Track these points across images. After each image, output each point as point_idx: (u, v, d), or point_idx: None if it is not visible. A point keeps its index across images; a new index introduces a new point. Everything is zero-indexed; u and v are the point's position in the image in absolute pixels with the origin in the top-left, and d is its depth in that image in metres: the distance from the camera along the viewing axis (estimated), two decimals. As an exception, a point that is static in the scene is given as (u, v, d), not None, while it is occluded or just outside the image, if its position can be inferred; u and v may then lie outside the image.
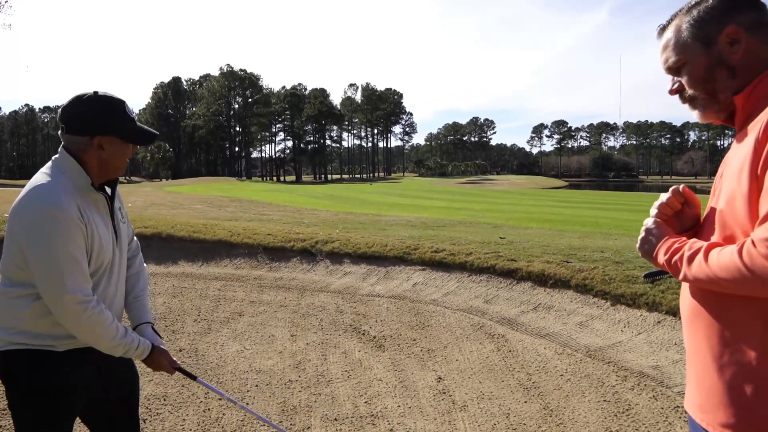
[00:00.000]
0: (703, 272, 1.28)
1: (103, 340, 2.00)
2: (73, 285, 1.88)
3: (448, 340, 5.41)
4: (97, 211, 2.04)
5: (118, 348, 2.05)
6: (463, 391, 4.32)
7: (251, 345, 5.33)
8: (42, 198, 1.89)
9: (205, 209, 16.98)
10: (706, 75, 1.46)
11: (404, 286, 7.12)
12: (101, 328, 1.97)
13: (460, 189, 52.70)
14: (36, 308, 1.94)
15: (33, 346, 1.97)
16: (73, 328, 1.95)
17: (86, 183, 1.98)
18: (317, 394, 4.28)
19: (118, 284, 2.19)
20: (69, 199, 1.90)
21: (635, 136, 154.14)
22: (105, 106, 2.01)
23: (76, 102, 2.00)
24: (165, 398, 4.19)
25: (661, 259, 1.45)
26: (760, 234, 1.16)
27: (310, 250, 8.37)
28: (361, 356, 5.06)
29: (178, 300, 6.80)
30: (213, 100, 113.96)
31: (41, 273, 1.88)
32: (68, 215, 1.88)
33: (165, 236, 9.10)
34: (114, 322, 2.02)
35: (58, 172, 1.96)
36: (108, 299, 2.10)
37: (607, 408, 3.97)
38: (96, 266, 2.02)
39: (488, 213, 17.83)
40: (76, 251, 1.90)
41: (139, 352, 2.12)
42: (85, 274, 1.94)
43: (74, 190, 1.95)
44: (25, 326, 1.96)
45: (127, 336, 2.07)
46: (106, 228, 2.08)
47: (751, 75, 1.41)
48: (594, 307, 5.85)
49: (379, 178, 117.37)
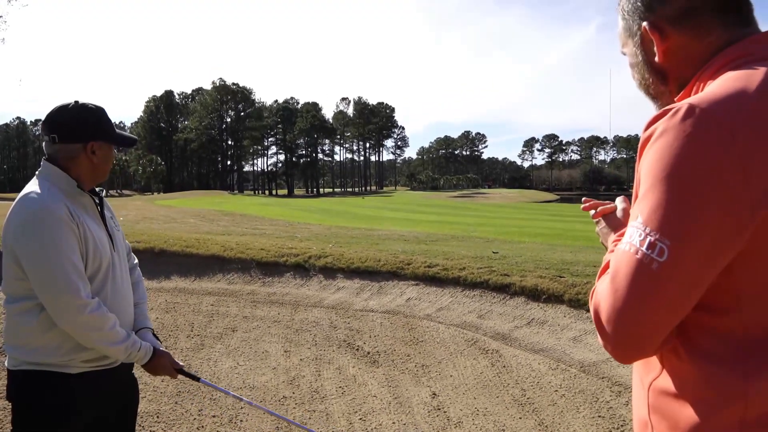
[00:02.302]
0: None
1: (105, 342, 1.99)
2: (70, 286, 1.88)
3: (442, 356, 5.41)
4: (86, 214, 2.06)
5: (121, 351, 2.05)
6: (458, 407, 4.32)
7: (245, 361, 5.30)
8: (29, 202, 1.93)
9: (198, 223, 16.94)
10: (640, 77, 1.23)
11: (398, 301, 7.12)
12: (103, 331, 1.97)
13: (452, 203, 52.84)
14: (43, 320, 1.94)
15: (46, 367, 1.96)
16: (74, 332, 1.94)
17: (72, 186, 2.02)
18: (312, 411, 4.26)
19: (125, 290, 2.19)
20: (57, 201, 1.94)
21: (625, 149, 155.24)
22: (93, 113, 2.10)
23: (63, 111, 2.05)
24: (158, 415, 4.16)
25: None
26: (599, 285, 1.03)
27: (304, 265, 8.35)
28: (356, 372, 5.05)
29: (170, 315, 6.76)
30: (205, 113, 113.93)
31: (37, 277, 1.88)
32: (57, 215, 1.90)
33: (157, 251, 9.06)
34: (116, 325, 2.02)
35: (43, 180, 2.01)
36: (116, 305, 2.10)
37: (601, 424, 3.98)
38: (94, 268, 2.02)
39: (480, 227, 17.88)
40: (69, 251, 1.90)
41: (141, 355, 2.12)
42: (81, 275, 1.94)
43: (61, 194, 1.98)
44: (35, 342, 1.95)
45: (129, 338, 2.07)
46: (100, 229, 2.09)
47: (683, 79, 1.14)
48: (587, 322, 5.86)
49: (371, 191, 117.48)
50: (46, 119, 2.06)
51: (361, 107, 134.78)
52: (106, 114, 2.15)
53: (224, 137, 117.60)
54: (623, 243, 0.98)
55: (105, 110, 2.15)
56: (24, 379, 1.97)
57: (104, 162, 2.13)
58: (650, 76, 1.19)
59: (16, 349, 1.97)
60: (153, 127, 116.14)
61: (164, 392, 4.51)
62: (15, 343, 1.98)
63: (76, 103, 2.07)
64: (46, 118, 2.06)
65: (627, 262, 0.95)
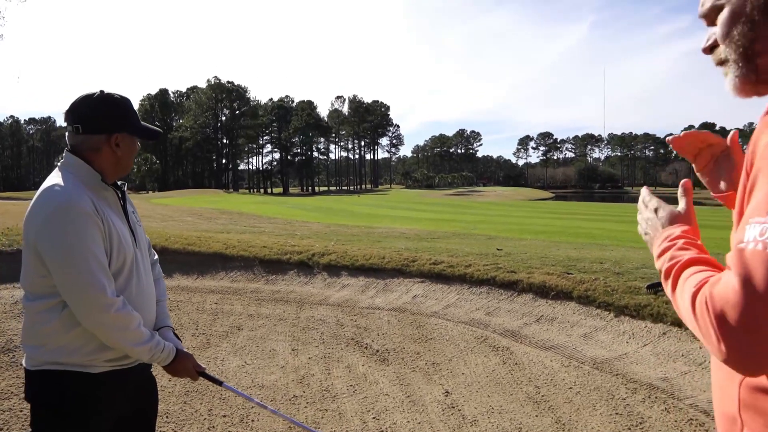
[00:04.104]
0: (674, 302, 1.04)
1: (129, 342, 1.92)
2: (95, 283, 1.80)
3: (453, 353, 5.34)
4: (109, 208, 1.97)
5: (144, 352, 1.97)
6: (472, 405, 4.25)
7: (252, 360, 5.22)
8: (53, 195, 1.84)
9: (196, 221, 16.83)
10: (744, 25, 1.02)
11: (404, 299, 7.05)
12: (127, 331, 1.89)
13: (448, 201, 52.81)
14: (65, 319, 1.85)
15: (68, 367, 1.88)
16: (99, 331, 1.86)
17: (96, 179, 1.94)
18: (324, 410, 4.19)
19: (148, 287, 2.11)
20: (81, 194, 1.85)
21: (620, 147, 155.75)
22: (119, 104, 2.01)
23: (88, 101, 1.97)
24: (167, 415, 4.08)
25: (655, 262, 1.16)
26: (717, 290, 0.90)
27: (307, 263, 8.28)
28: (366, 370, 4.98)
29: (174, 314, 6.67)
30: (200, 112, 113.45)
31: (61, 274, 1.80)
32: (82, 208, 1.81)
33: (159, 249, 8.94)
34: (141, 324, 1.94)
35: (66, 172, 1.92)
36: (141, 303, 2.02)
37: (620, 421, 3.92)
38: (119, 264, 1.94)
39: (480, 224, 17.84)
40: (94, 247, 1.82)
41: (165, 356, 2.05)
42: (106, 272, 1.86)
43: (84, 187, 1.90)
44: (57, 341, 1.87)
45: (153, 339, 1.99)
46: (123, 224, 2.02)
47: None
48: (597, 319, 5.82)
49: (367, 190, 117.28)
50: (70, 108, 1.96)
51: (356, 105, 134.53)
52: (131, 105, 2.06)
53: (219, 136, 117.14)
54: (748, 242, 0.88)
55: (130, 101, 2.07)
56: (44, 380, 1.89)
57: (128, 155, 2.05)
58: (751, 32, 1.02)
59: (35, 349, 1.89)
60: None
61: (173, 392, 4.43)
62: (34, 343, 1.89)
63: (101, 93, 1.99)
64: (71, 107, 1.96)
65: (765, 262, 0.85)
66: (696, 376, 4.54)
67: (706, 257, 1.06)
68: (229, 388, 2.40)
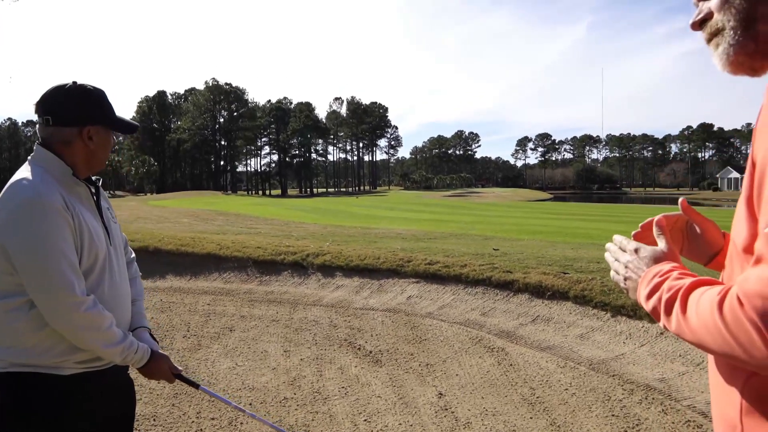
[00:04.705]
0: (683, 329, 0.91)
1: (100, 343, 1.83)
2: (63, 281, 1.72)
3: (447, 354, 5.26)
4: (81, 204, 1.89)
5: (116, 353, 1.89)
6: (466, 407, 4.17)
7: (243, 361, 5.14)
8: (21, 189, 1.76)
9: (192, 223, 16.74)
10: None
11: (399, 299, 6.97)
12: (98, 331, 1.81)
13: (447, 202, 52.74)
14: (33, 318, 1.77)
15: (38, 369, 1.80)
16: (68, 331, 1.78)
17: (67, 173, 1.86)
18: (314, 412, 4.11)
19: (122, 286, 2.03)
20: (51, 189, 1.77)
21: (618, 148, 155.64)
22: (92, 95, 1.94)
23: (61, 92, 1.89)
24: (155, 418, 4.00)
25: (644, 303, 1.05)
26: (749, 287, 0.79)
27: (301, 263, 8.20)
28: (358, 372, 4.90)
29: (166, 315, 6.59)
30: (198, 113, 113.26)
31: (28, 271, 1.72)
32: (51, 204, 1.73)
33: (152, 250, 8.88)
34: (113, 325, 1.86)
35: (35, 166, 1.84)
36: (114, 302, 1.94)
37: (616, 423, 3.84)
38: (90, 262, 1.85)
39: (478, 225, 17.76)
40: (63, 244, 1.74)
41: (138, 357, 1.96)
42: (76, 270, 1.77)
43: (55, 182, 1.81)
44: (25, 342, 1.78)
45: (125, 340, 1.91)
46: (96, 221, 1.93)
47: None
48: (594, 319, 5.74)
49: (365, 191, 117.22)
50: (40, 99, 1.89)
51: (354, 107, 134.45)
52: (106, 97, 1.98)
53: (217, 137, 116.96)
54: None
55: (105, 93, 1.98)
56: (12, 382, 1.81)
57: (102, 148, 1.96)
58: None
59: (3, 350, 1.81)
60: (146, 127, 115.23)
61: (161, 394, 4.35)
62: (2, 344, 1.81)
63: (74, 84, 1.91)
64: (41, 98, 1.88)
65: None
66: (694, 376, 4.47)
67: (713, 279, 0.95)
68: (206, 390, 2.30)
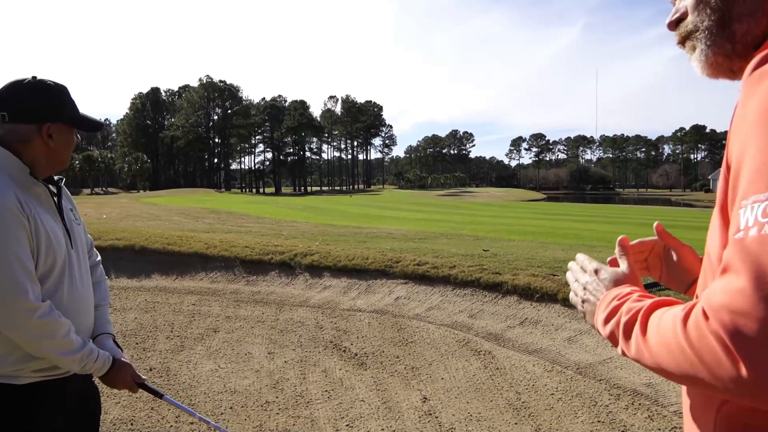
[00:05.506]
0: (642, 353, 0.83)
1: (56, 351, 1.75)
2: (16, 286, 1.64)
3: (433, 357, 5.20)
4: (40, 206, 1.80)
5: (74, 362, 1.80)
6: (450, 412, 4.10)
7: (226, 363, 5.06)
8: None
9: (182, 221, 16.61)
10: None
11: (386, 300, 6.90)
12: (54, 339, 1.73)
13: (440, 201, 52.70)
14: None
15: None
16: (21, 339, 1.70)
17: (24, 173, 1.76)
18: (296, 417, 4.03)
19: (84, 292, 1.94)
20: (5, 189, 1.68)
21: (611, 149, 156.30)
22: (52, 91, 1.84)
23: (17, 87, 1.79)
24: (132, 422, 3.91)
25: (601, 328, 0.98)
26: (715, 300, 0.71)
27: (289, 263, 8.11)
28: (342, 375, 4.82)
29: (150, 315, 6.49)
30: (192, 111, 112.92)
31: None
32: (5, 206, 1.65)
33: (138, 248, 8.78)
34: (71, 332, 1.78)
35: None
36: (74, 309, 1.85)
37: (601, 429, 3.78)
38: (47, 267, 1.77)
39: (469, 225, 17.70)
40: (16, 246, 1.65)
41: (98, 366, 1.88)
42: (30, 275, 1.69)
43: (11, 182, 1.72)
44: None
45: (84, 348, 1.82)
46: (56, 224, 1.84)
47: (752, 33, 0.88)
48: (582, 322, 5.68)
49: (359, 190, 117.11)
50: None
51: (348, 105, 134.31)
52: (67, 93, 1.89)
53: (211, 135, 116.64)
54: (748, 229, 0.70)
55: (67, 88, 1.89)
56: None
57: (63, 147, 1.87)
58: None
59: None
60: (139, 124, 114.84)
61: (139, 397, 4.26)
62: None
63: (33, 79, 1.81)
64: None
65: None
66: (681, 381, 4.41)
67: (676, 300, 0.86)
68: (170, 401, 2.21)
